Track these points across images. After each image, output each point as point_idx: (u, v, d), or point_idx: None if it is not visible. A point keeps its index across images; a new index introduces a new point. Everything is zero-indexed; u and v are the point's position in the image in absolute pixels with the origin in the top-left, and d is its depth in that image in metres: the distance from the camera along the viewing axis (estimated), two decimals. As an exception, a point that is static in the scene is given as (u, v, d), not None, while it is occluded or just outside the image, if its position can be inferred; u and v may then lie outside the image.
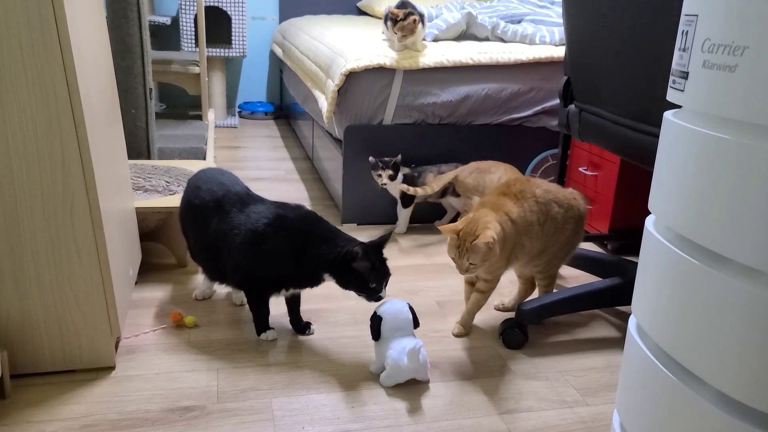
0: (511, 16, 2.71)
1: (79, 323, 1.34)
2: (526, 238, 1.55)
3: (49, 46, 1.15)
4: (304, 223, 1.47)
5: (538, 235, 1.56)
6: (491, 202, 1.54)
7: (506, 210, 1.51)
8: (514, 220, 1.51)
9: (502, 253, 1.50)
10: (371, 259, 1.41)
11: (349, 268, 1.41)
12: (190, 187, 1.63)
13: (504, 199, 1.54)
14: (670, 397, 0.83)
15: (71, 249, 1.28)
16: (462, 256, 1.44)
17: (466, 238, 1.43)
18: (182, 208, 1.66)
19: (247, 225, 1.47)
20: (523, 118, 2.41)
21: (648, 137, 1.43)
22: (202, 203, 1.56)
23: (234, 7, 3.79)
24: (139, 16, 2.18)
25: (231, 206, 1.52)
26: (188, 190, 1.64)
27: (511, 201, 1.54)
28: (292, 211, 1.50)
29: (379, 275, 1.42)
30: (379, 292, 1.44)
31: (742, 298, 0.72)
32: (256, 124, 4.21)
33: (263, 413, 1.29)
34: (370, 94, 2.27)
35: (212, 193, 1.55)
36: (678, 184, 0.81)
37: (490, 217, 1.46)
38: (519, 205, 1.54)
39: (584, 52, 1.64)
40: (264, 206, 1.51)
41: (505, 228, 1.48)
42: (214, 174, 1.63)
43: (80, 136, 1.22)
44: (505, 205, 1.52)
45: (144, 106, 2.27)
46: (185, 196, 1.64)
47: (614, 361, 1.55)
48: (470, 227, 1.43)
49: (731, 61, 0.71)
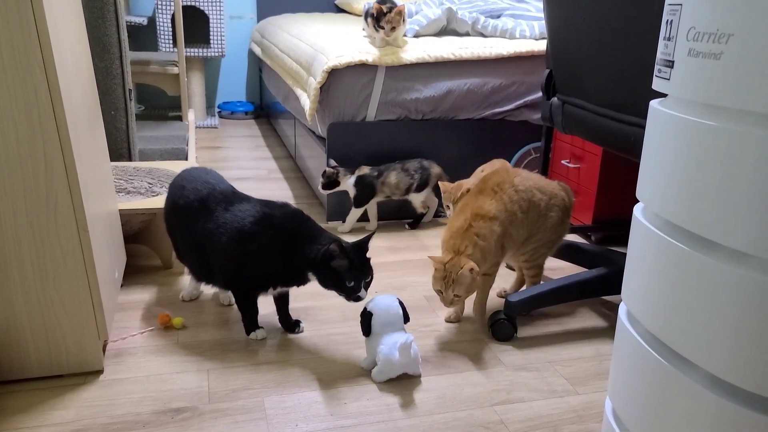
0: (490, 11, 2.72)
1: (65, 327, 1.32)
2: (512, 228, 1.57)
3: (29, 47, 1.13)
4: (290, 222, 1.46)
5: (523, 223, 1.59)
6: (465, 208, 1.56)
7: (483, 212, 1.53)
8: (494, 217, 1.53)
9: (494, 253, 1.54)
10: (350, 257, 1.39)
11: (328, 266, 1.39)
12: (174, 186, 1.61)
13: (482, 200, 1.56)
14: (662, 381, 0.84)
15: (56, 252, 1.26)
16: (448, 287, 1.47)
17: (452, 270, 1.45)
18: (167, 208, 1.64)
19: (233, 224, 1.45)
20: (506, 112, 2.43)
21: (631, 127, 1.45)
22: (187, 203, 1.54)
23: (211, 7, 3.76)
24: (117, 16, 2.15)
25: (216, 205, 1.50)
26: (172, 189, 1.61)
27: (489, 198, 1.56)
28: (279, 209, 1.49)
29: (358, 274, 1.40)
30: (358, 292, 1.41)
31: (732, 281, 0.73)
32: (236, 124, 4.18)
33: (256, 412, 1.29)
34: (352, 91, 2.26)
35: (197, 192, 1.53)
36: (666, 172, 0.82)
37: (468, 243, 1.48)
38: (497, 199, 1.56)
39: (566, 44, 1.65)
40: (250, 204, 1.49)
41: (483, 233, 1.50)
42: (199, 173, 1.61)
43: (62, 137, 1.20)
44: (481, 207, 1.54)
45: (124, 107, 2.25)
46: (169, 196, 1.62)
47: (602, 350, 1.57)
48: (454, 261, 1.46)
49: (716, 48, 0.72)
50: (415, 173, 2.26)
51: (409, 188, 2.27)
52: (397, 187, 2.26)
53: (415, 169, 2.27)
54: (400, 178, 2.25)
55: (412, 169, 2.27)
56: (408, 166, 2.27)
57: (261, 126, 4.15)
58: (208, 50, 3.83)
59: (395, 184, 2.25)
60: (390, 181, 2.24)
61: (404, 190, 2.27)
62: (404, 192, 2.28)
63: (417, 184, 2.27)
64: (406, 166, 2.27)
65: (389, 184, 2.25)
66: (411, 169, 2.27)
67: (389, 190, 2.26)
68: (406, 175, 2.26)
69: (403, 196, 2.30)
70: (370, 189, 2.24)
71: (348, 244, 1.41)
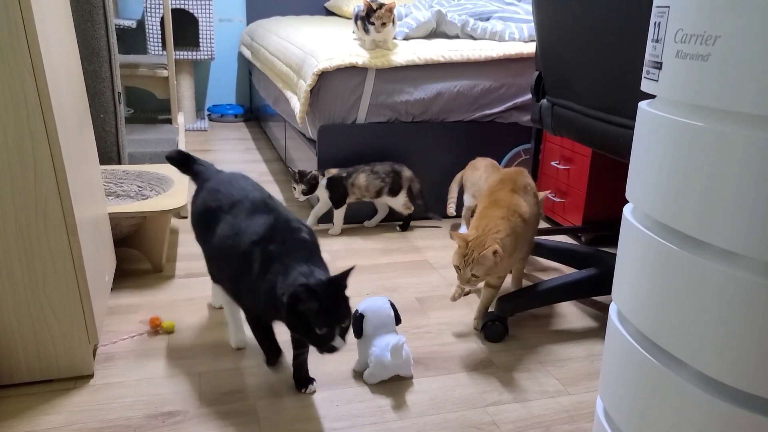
0: (479, 14, 2.74)
1: (55, 332, 1.32)
2: (529, 231, 1.61)
3: (17, 50, 1.13)
4: (283, 249, 1.23)
5: (535, 224, 1.65)
6: (506, 201, 1.54)
7: (521, 211, 1.53)
8: (527, 220, 1.55)
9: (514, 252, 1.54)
10: (320, 299, 1.14)
11: (294, 310, 1.15)
12: (209, 189, 1.44)
13: (517, 198, 1.57)
14: (653, 380, 0.85)
15: (45, 256, 1.26)
16: (467, 265, 1.45)
17: (475, 249, 1.43)
18: (197, 212, 1.44)
19: (239, 236, 1.29)
20: (495, 114, 2.44)
21: (620, 129, 1.46)
22: (219, 207, 1.38)
23: (201, 10, 3.75)
24: (105, 19, 2.14)
25: (240, 212, 1.33)
26: (206, 192, 1.44)
27: (522, 197, 1.58)
28: (287, 231, 1.27)
29: (330, 319, 1.15)
30: (331, 341, 1.16)
31: (721, 280, 0.73)
32: (226, 127, 4.17)
33: (248, 416, 1.28)
34: (342, 94, 2.27)
35: (230, 197, 1.38)
36: (655, 172, 0.83)
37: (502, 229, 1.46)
38: (527, 201, 1.59)
39: (555, 46, 1.66)
40: (266, 218, 1.30)
41: (517, 230, 1.51)
42: (236, 178, 1.47)
43: (52, 141, 1.20)
44: (520, 205, 1.55)
45: (113, 110, 2.24)
46: (202, 199, 1.44)
47: (593, 350, 1.58)
48: (480, 239, 1.44)
49: (704, 50, 0.73)
50: (386, 177, 2.25)
51: (380, 191, 2.26)
52: (367, 190, 2.25)
53: (386, 172, 2.26)
54: (370, 181, 2.24)
55: (382, 172, 2.25)
56: (378, 168, 2.26)
57: (251, 129, 4.15)
58: (198, 53, 3.82)
59: (365, 186, 2.24)
60: (359, 183, 2.23)
61: (375, 192, 2.26)
62: (375, 195, 2.26)
63: (389, 188, 2.25)
64: (375, 169, 2.26)
65: (359, 185, 2.23)
66: (381, 172, 2.25)
67: (359, 192, 2.25)
68: (376, 178, 2.24)
69: (374, 198, 2.28)
70: (342, 188, 2.24)
71: (320, 282, 1.17)
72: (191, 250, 2.10)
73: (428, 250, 2.17)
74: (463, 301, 1.81)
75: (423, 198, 2.35)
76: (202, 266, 1.97)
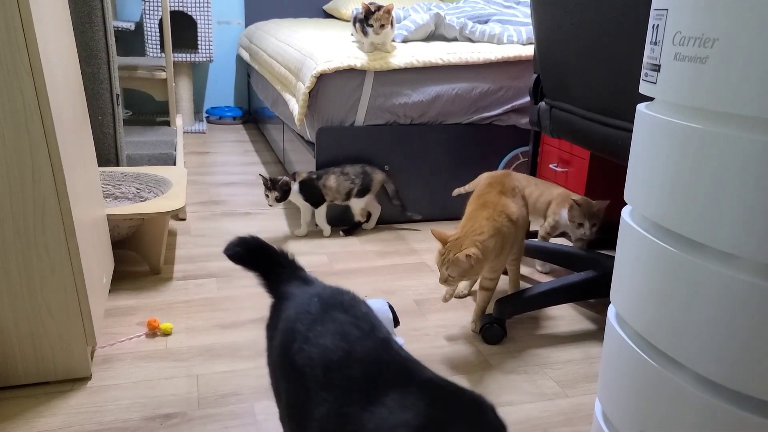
0: (477, 17, 2.74)
1: (53, 334, 1.31)
2: (521, 232, 1.62)
3: (16, 52, 1.13)
4: None
5: (526, 226, 1.67)
6: (493, 202, 1.55)
7: (508, 212, 1.54)
8: (515, 221, 1.55)
9: (506, 252, 1.55)
10: None
11: None
12: (290, 330, 0.94)
13: (505, 200, 1.57)
14: (652, 383, 0.85)
15: (43, 258, 1.25)
16: (443, 265, 1.45)
17: (452, 250, 1.43)
18: (276, 354, 0.97)
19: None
20: (494, 116, 2.44)
21: (618, 131, 1.46)
22: (307, 364, 0.88)
23: (199, 12, 3.75)
24: (104, 20, 2.14)
25: (349, 389, 0.83)
26: (287, 327, 0.95)
27: (510, 200, 1.58)
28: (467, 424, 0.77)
29: None
30: None
31: (720, 283, 0.74)
32: (224, 129, 4.17)
33: (246, 417, 1.28)
34: (341, 96, 2.27)
35: (325, 352, 0.87)
36: (653, 174, 0.83)
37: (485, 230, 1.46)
38: (515, 202, 1.59)
39: (553, 49, 1.67)
40: (410, 399, 0.79)
41: (503, 231, 1.51)
42: (335, 311, 0.93)
43: (50, 142, 1.19)
44: (507, 206, 1.55)
45: (111, 112, 2.24)
46: (282, 336, 0.95)
47: (591, 353, 1.58)
48: (459, 241, 1.44)
49: (702, 53, 0.73)
50: (356, 178, 2.24)
51: (349, 193, 2.25)
52: (338, 191, 2.23)
53: (357, 174, 2.25)
54: (340, 182, 2.23)
55: (352, 174, 2.24)
56: (348, 170, 2.25)
57: (249, 131, 4.15)
58: (196, 55, 3.82)
59: (335, 188, 2.23)
60: (330, 185, 2.22)
61: (345, 194, 2.25)
62: (345, 197, 2.25)
63: (358, 189, 2.24)
64: (346, 170, 2.25)
65: (330, 187, 2.22)
66: (351, 173, 2.24)
67: (331, 194, 2.24)
68: (346, 180, 2.23)
69: (344, 201, 2.27)
70: (317, 190, 2.22)
71: None
72: (189, 252, 2.10)
73: (426, 253, 2.17)
74: (460, 303, 1.81)
75: (399, 198, 2.33)
76: (200, 268, 1.98)
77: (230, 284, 1.87)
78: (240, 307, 1.73)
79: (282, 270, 1.05)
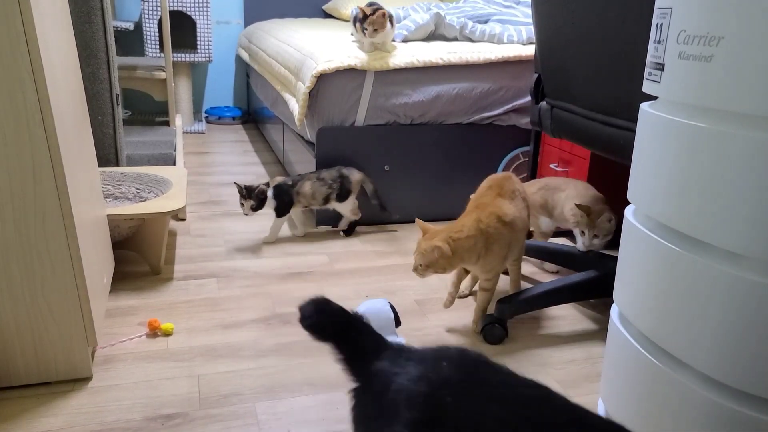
0: (477, 17, 2.74)
1: (53, 334, 1.31)
2: (521, 234, 1.61)
3: (17, 52, 1.12)
4: None
5: (526, 230, 1.65)
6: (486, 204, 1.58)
7: (500, 213, 1.55)
8: (509, 223, 1.55)
9: (499, 253, 1.55)
10: None
11: None
12: (428, 400, 0.75)
13: (500, 201, 1.58)
14: (655, 381, 0.84)
15: (44, 258, 1.25)
16: (415, 252, 1.52)
17: (422, 243, 1.50)
18: None
19: None
20: (494, 116, 2.44)
21: (620, 131, 1.46)
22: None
23: (198, 12, 3.74)
24: (104, 20, 2.14)
25: None
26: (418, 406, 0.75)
27: (507, 202, 1.59)
28: None
29: None
30: None
31: (723, 281, 0.73)
32: (223, 129, 4.17)
33: (247, 418, 1.28)
34: (341, 96, 2.26)
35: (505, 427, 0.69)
36: (657, 174, 0.83)
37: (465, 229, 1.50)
38: (514, 205, 1.60)
39: (554, 49, 1.67)
40: None
41: (489, 232, 1.52)
42: (478, 374, 0.78)
43: (51, 143, 1.19)
44: (501, 208, 1.56)
45: (111, 112, 2.23)
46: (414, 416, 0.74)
47: (593, 352, 1.58)
48: (435, 233, 1.50)
49: (707, 51, 0.73)
50: (333, 182, 2.21)
51: (327, 198, 2.22)
52: (314, 197, 2.21)
53: (333, 178, 2.22)
54: (316, 188, 2.20)
55: (329, 179, 2.22)
56: (324, 175, 2.22)
57: (248, 131, 4.14)
58: (195, 55, 3.81)
59: (311, 194, 2.20)
60: (305, 191, 2.20)
61: (322, 200, 2.22)
62: (323, 202, 2.23)
63: (337, 193, 2.22)
64: (321, 176, 2.22)
65: (304, 194, 2.20)
66: (327, 178, 2.22)
67: (305, 200, 2.21)
68: (322, 185, 2.21)
69: (322, 206, 2.24)
70: (288, 197, 2.20)
71: None
72: (190, 253, 2.10)
73: (427, 253, 2.17)
74: (461, 304, 1.81)
75: (378, 197, 2.31)
76: (201, 268, 1.97)
77: (231, 284, 1.87)
78: (241, 307, 1.73)
79: (363, 337, 0.86)
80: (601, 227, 1.73)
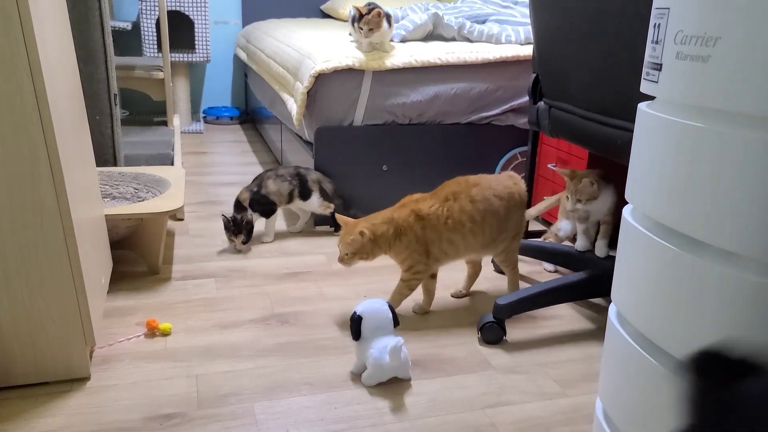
0: (475, 17, 2.74)
1: (52, 334, 1.31)
2: (455, 235, 1.63)
3: (15, 52, 1.12)
4: None
5: (476, 232, 1.64)
6: (408, 202, 1.66)
7: (417, 209, 1.62)
8: (424, 217, 1.61)
9: (408, 246, 1.62)
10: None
11: None
12: None
13: (426, 200, 1.64)
14: (654, 381, 0.85)
15: (42, 258, 1.25)
16: (340, 244, 1.61)
17: (348, 233, 1.59)
18: None
19: None
20: (492, 116, 2.44)
21: (618, 131, 1.46)
22: None
23: (196, 12, 3.74)
24: (102, 20, 2.14)
25: None
26: None
27: (432, 201, 1.64)
28: None
29: None
30: None
31: (721, 281, 0.74)
32: (221, 129, 4.17)
33: (246, 418, 1.28)
34: (339, 96, 2.27)
35: None
36: (654, 173, 0.83)
37: (378, 219, 1.62)
38: (443, 205, 1.62)
39: (552, 49, 1.67)
40: None
41: (398, 222, 1.61)
42: None
43: (49, 143, 1.19)
44: (420, 204, 1.63)
45: (109, 112, 2.23)
46: None
47: (591, 352, 1.58)
48: (352, 226, 1.60)
49: (704, 51, 0.73)
50: (292, 179, 2.21)
51: (291, 194, 2.21)
52: (280, 194, 2.20)
53: (291, 174, 2.22)
54: (279, 185, 2.20)
55: (288, 175, 2.21)
56: (282, 172, 2.22)
57: (247, 131, 4.14)
58: (193, 55, 3.81)
59: (276, 191, 2.19)
60: (271, 189, 2.19)
61: (287, 196, 2.21)
62: (288, 198, 2.21)
63: (299, 191, 2.21)
64: (279, 172, 2.22)
65: (273, 192, 2.19)
66: (286, 174, 2.21)
67: (276, 198, 2.20)
68: (283, 181, 2.20)
69: (288, 203, 2.23)
70: (264, 198, 2.18)
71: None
72: (188, 252, 2.10)
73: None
74: (460, 303, 1.81)
75: (339, 196, 2.29)
76: (199, 268, 1.97)
77: (229, 284, 1.87)
78: (239, 307, 1.73)
79: None
80: (582, 191, 1.73)
